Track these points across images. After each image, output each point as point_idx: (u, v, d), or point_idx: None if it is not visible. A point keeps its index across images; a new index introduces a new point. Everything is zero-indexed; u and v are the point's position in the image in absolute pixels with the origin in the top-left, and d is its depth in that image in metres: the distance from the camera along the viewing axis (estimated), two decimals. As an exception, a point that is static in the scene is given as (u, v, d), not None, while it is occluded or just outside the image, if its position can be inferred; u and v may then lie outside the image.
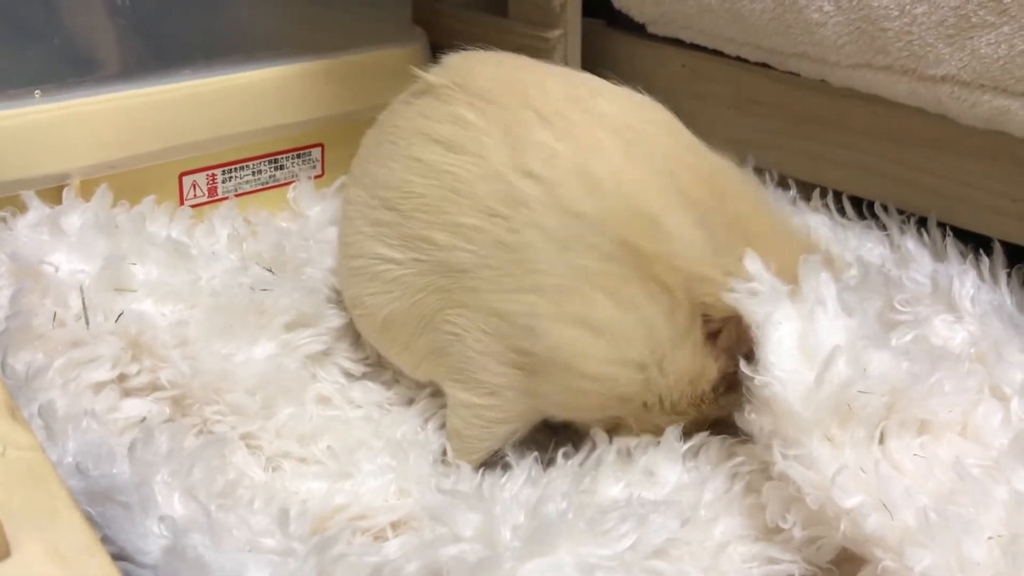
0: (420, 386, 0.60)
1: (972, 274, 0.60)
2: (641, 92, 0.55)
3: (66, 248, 0.57)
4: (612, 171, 0.49)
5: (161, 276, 0.58)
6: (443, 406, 0.57)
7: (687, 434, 0.52)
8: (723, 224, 0.49)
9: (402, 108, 0.56)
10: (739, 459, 0.49)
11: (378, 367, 0.62)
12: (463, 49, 0.57)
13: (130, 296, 0.56)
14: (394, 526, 0.50)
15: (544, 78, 0.53)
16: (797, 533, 0.45)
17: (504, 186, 0.49)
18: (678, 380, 0.50)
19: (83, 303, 0.54)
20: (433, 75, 0.55)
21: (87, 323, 0.54)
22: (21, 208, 0.62)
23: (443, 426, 0.56)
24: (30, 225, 0.59)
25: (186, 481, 0.46)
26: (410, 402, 0.59)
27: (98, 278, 0.56)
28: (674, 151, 0.51)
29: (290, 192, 0.78)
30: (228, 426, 0.54)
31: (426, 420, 0.58)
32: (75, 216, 0.61)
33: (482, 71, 0.53)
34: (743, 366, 0.47)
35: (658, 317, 0.49)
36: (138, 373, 0.55)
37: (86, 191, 0.66)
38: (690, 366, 0.50)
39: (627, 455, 0.51)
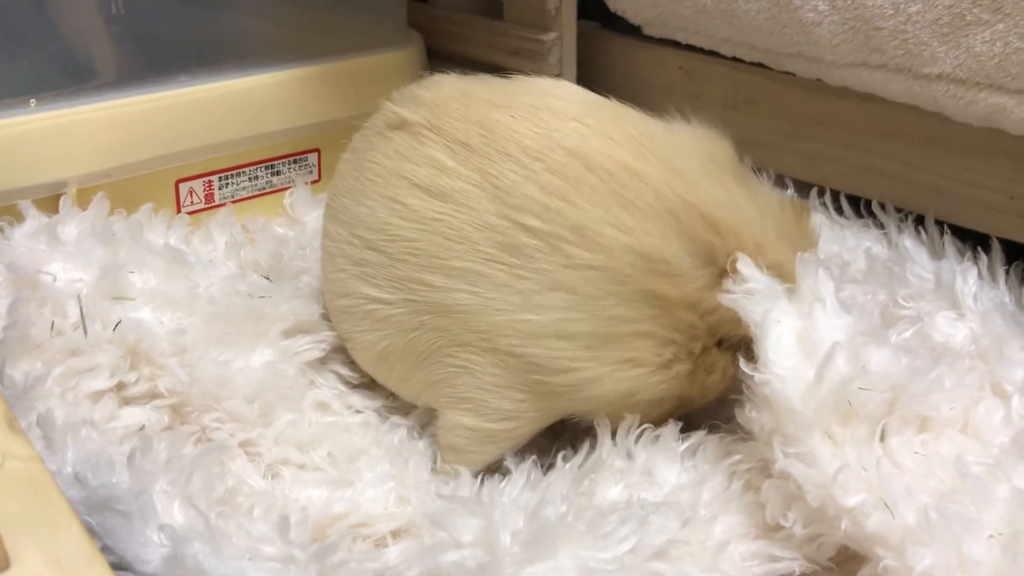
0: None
1: (975, 271, 0.60)
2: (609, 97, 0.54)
3: (63, 257, 0.57)
4: (612, 225, 0.48)
5: (159, 284, 0.58)
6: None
7: (685, 431, 0.52)
8: (722, 251, 0.50)
9: (378, 142, 0.55)
10: (737, 457, 0.49)
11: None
12: (459, 53, 0.57)
13: (128, 304, 0.56)
14: (394, 534, 0.50)
15: (514, 114, 0.51)
16: (798, 531, 0.45)
17: (501, 236, 0.49)
18: (714, 383, 0.52)
19: (81, 312, 0.54)
20: (407, 110, 0.54)
21: (85, 332, 0.54)
22: (18, 218, 0.62)
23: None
24: (27, 234, 0.59)
25: (185, 489, 0.46)
26: (409, 408, 0.59)
27: (96, 287, 0.56)
28: (664, 183, 0.50)
29: (287, 198, 0.78)
30: (227, 433, 0.54)
31: (423, 426, 0.58)
32: (72, 225, 0.61)
33: (454, 110, 0.52)
34: (743, 364, 0.47)
35: (692, 341, 0.51)
36: (136, 381, 0.54)
37: (82, 199, 0.65)
38: (723, 370, 0.52)
39: (626, 456, 0.50)
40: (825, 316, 0.47)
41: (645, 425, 0.52)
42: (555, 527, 0.43)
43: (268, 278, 0.65)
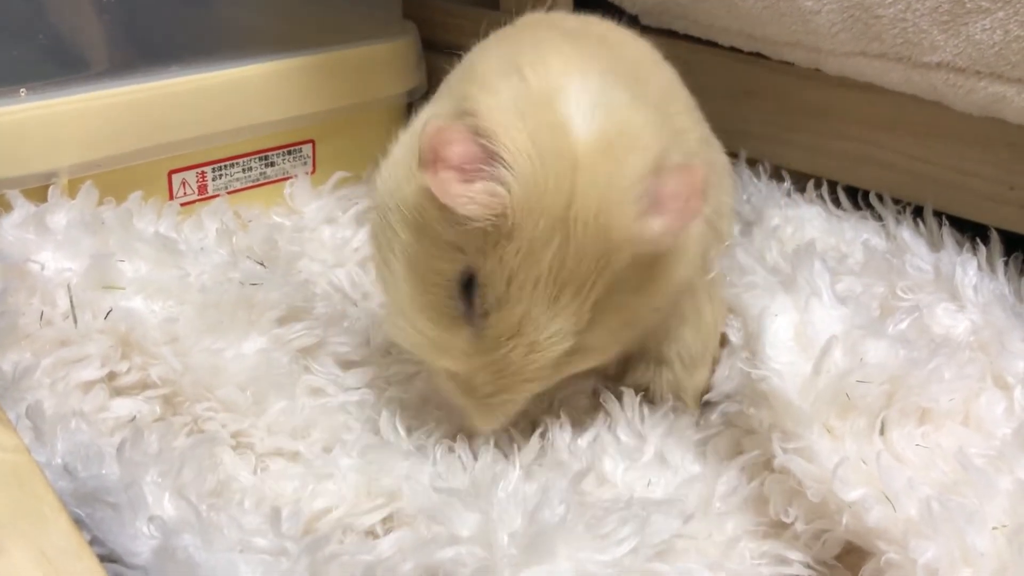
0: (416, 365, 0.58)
1: (975, 262, 0.60)
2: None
3: (53, 246, 0.56)
4: None
5: (150, 273, 0.57)
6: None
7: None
8: None
9: None
10: (755, 452, 0.48)
11: (375, 353, 0.60)
12: (455, 43, 0.58)
13: (119, 293, 0.55)
14: (385, 522, 0.49)
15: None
16: (800, 527, 0.44)
17: None
18: None
19: (71, 301, 0.54)
20: None
21: (75, 322, 0.53)
22: (6, 208, 0.61)
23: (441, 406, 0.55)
24: (15, 224, 0.58)
25: (176, 481, 0.45)
26: (406, 381, 0.57)
27: (85, 276, 0.55)
28: None
29: (287, 188, 0.77)
30: (219, 424, 0.53)
31: (424, 400, 0.56)
32: (61, 214, 0.60)
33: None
34: (740, 361, 0.47)
35: None
36: (128, 371, 0.54)
37: (73, 190, 0.65)
38: None
39: (639, 436, 0.50)
40: (822, 309, 0.47)
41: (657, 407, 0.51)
42: (553, 529, 0.41)
43: (262, 264, 0.64)
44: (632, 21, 0.82)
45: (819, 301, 0.47)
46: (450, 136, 0.43)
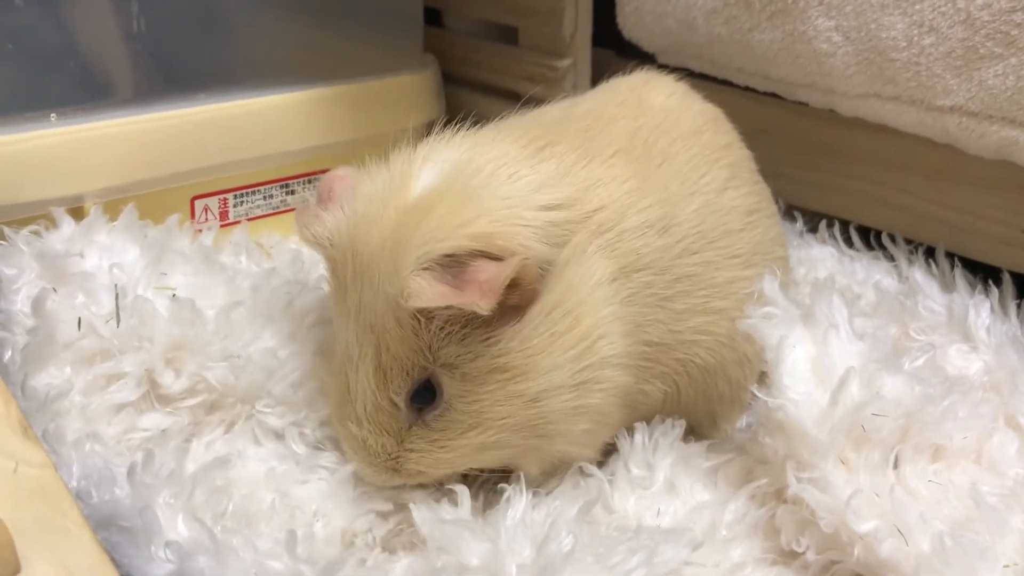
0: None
1: (987, 304, 0.60)
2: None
3: (97, 250, 0.58)
4: None
5: (196, 278, 0.58)
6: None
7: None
8: None
9: None
10: (764, 480, 0.48)
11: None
12: (474, 78, 0.59)
13: (168, 293, 0.56)
14: (404, 546, 0.49)
15: None
16: (811, 557, 0.44)
17: None
18: None
19: (116, 302, 0.54)
20: None
21: (118, 322, 0.53)
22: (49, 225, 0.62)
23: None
24: (64, 239, 0.59)
25: (188, 503, 0.46)
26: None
27: (132, 277, 0.56)
28: None
29: (304, 217, 0.78)
30: (276, 416, 0.54)
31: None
32: (103, 231, 0.61)
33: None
34: (755, 389, 0.47)
35: None
36: (177, 379, 0.54)
37: (98, 214, 0.66)
38: None
39: (647, 466, 0.50)
40: (839, 342, 0.47)
41: (666, 434, 0.52)
42: (561, 562, 0.41)
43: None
44: (648, 60, 0.83)
45: (837, 335, 0.48)
46: (334, 178, 0.50)
